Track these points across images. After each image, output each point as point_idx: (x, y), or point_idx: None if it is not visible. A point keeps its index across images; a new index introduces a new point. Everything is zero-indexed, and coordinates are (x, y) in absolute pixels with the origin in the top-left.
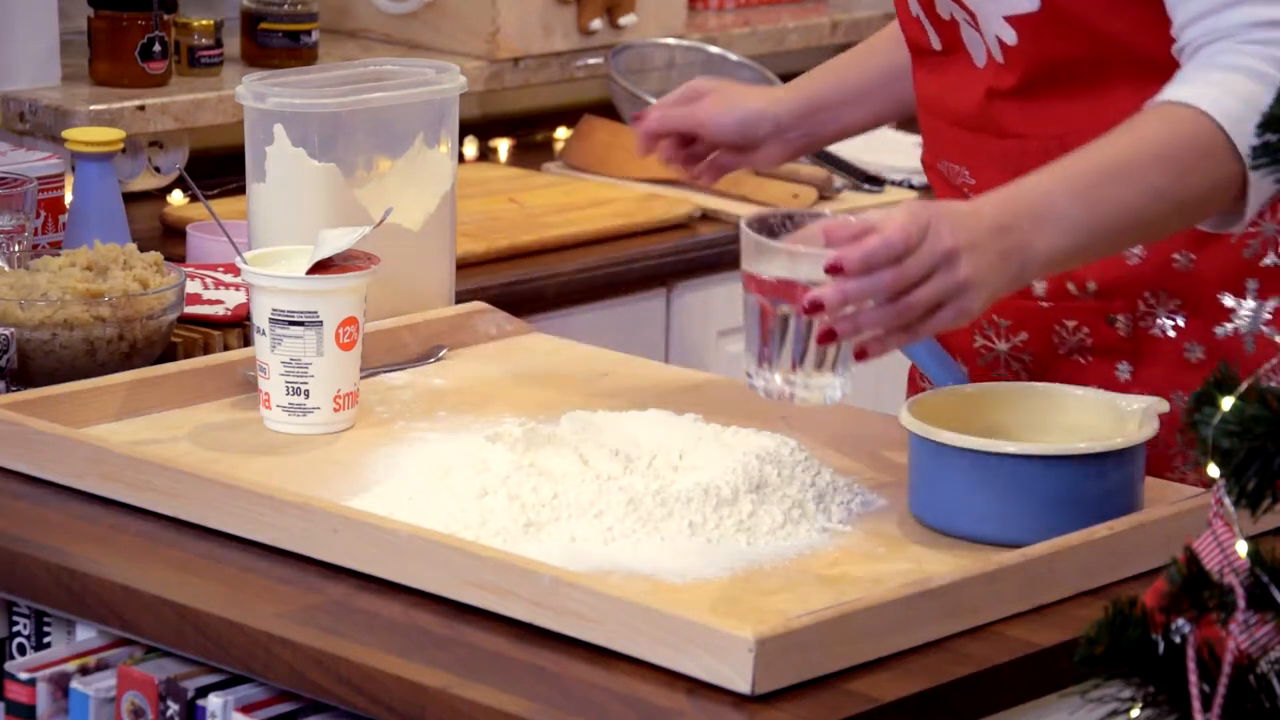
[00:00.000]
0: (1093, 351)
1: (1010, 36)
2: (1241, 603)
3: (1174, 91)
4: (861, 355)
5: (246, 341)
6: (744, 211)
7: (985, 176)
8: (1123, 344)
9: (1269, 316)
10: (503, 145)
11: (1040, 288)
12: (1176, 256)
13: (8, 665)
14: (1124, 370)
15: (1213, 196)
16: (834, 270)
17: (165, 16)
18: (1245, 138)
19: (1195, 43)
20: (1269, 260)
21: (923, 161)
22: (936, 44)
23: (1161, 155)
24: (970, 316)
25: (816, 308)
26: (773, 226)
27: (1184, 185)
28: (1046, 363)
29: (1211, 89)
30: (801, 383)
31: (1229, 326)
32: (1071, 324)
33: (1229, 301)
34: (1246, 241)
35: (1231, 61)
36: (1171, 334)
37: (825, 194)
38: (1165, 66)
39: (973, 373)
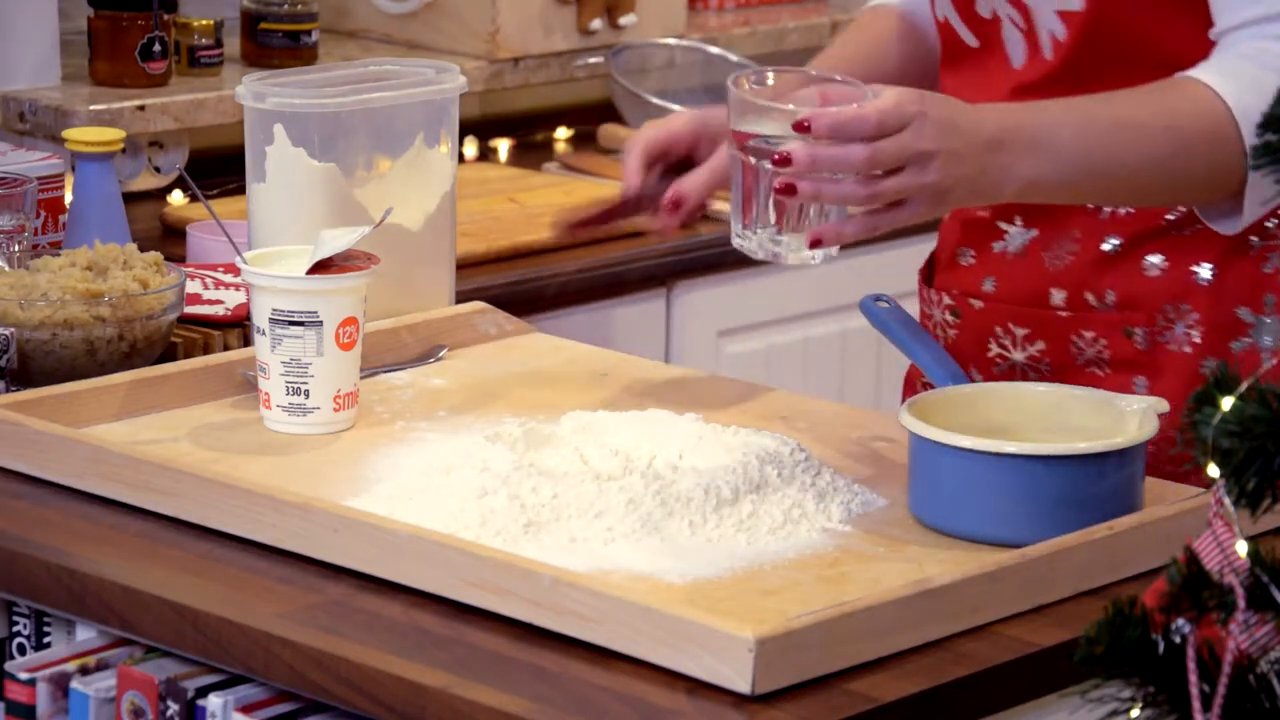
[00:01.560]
0: (1109, 364)
1: (1061, 31)
2: (1241, 603)
3: (1204, 73)
4: (816, 244)
5: (246, 341)
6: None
7: None
8: (1139, 357)
9: None
10: (503, 145)
11: (1059, 297)
12: (1197, 270)
13: (8, 665)
14: (1140, 384)
15: (1211, 181)
16: (801, 128)
17: (165, 16)
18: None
19: (1237, 42)
20: None
21: None
22: (972, 42)
23: (1171, 127)
24: (922, 219)
25: (785, 161)
26: (764, 83)
27: (1184, 162)
28: (1063, 373)
29: (1239, 81)
30: (787, 241)
31: (1246, 341)
32: (1089, 335)
33: (1247, 316)
34: (1266, 255)
35: (1269, 62)
36: (1188, 349)
37: None
38: (1185, 64)
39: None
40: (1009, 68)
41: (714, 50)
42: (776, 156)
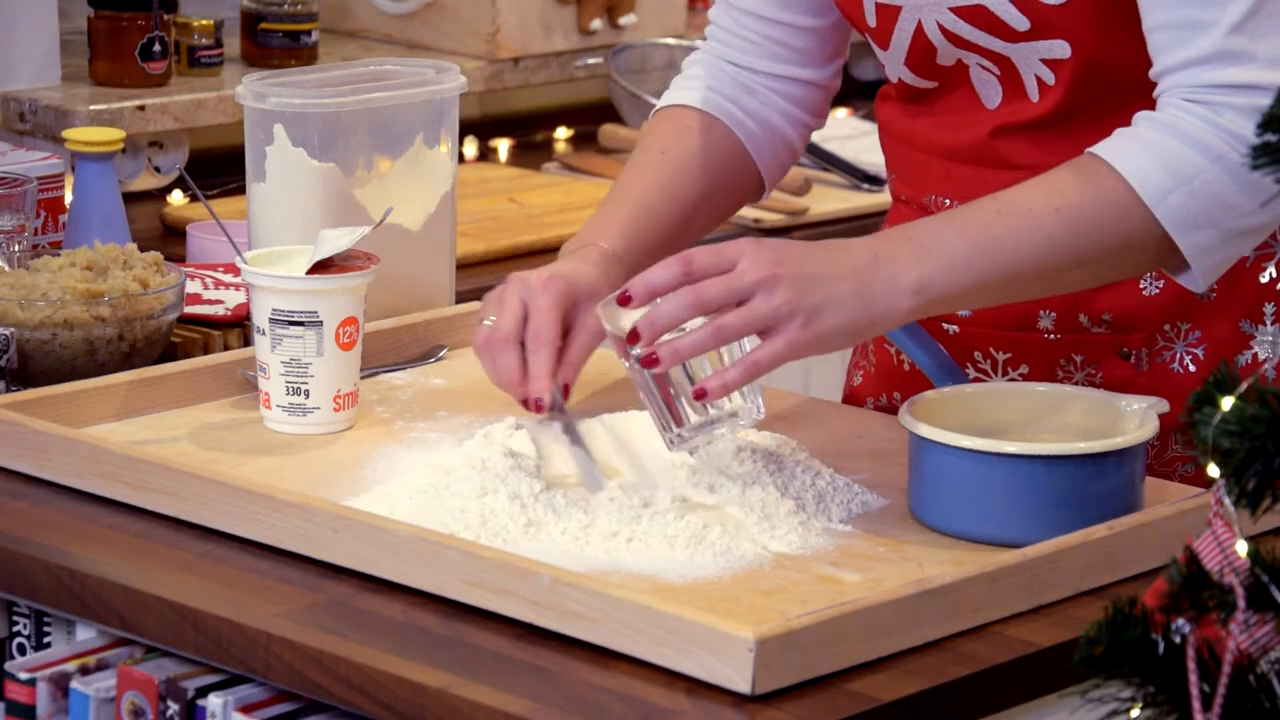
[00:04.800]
0: (1101, 387)
1: (1050, 76)
2: (1241, 603)
3: (1103, 146)
4: (701, 394)
5: (246, 341)
6: (743, 211)
7: None
8: (1136, 378)
9: None
10: (503, 145)
11: (1049, 320)
12: None
13: (8, 665)
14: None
15: (1124, 255)
16: (624, 302)
17: (165, 16)
18: (1162, 203)
19: (1165, 93)
20: None
21: (895, 195)
22: (926, 85)
23: (1063, 207)
24: (805, 347)
25: (633, 338)
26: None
27: (1085, 240)
28: None
29: (1139, 148)
30: (708, 421)
31: (1248, 354)
32: (1079, 358)
33: (1247, 328)
34: (1262, 265)
35: (1179, 124)
36: (1192, 367)
37: (800, 192)
38: None
39: None
40: (981, 107)
41: None
42: (627, 337)
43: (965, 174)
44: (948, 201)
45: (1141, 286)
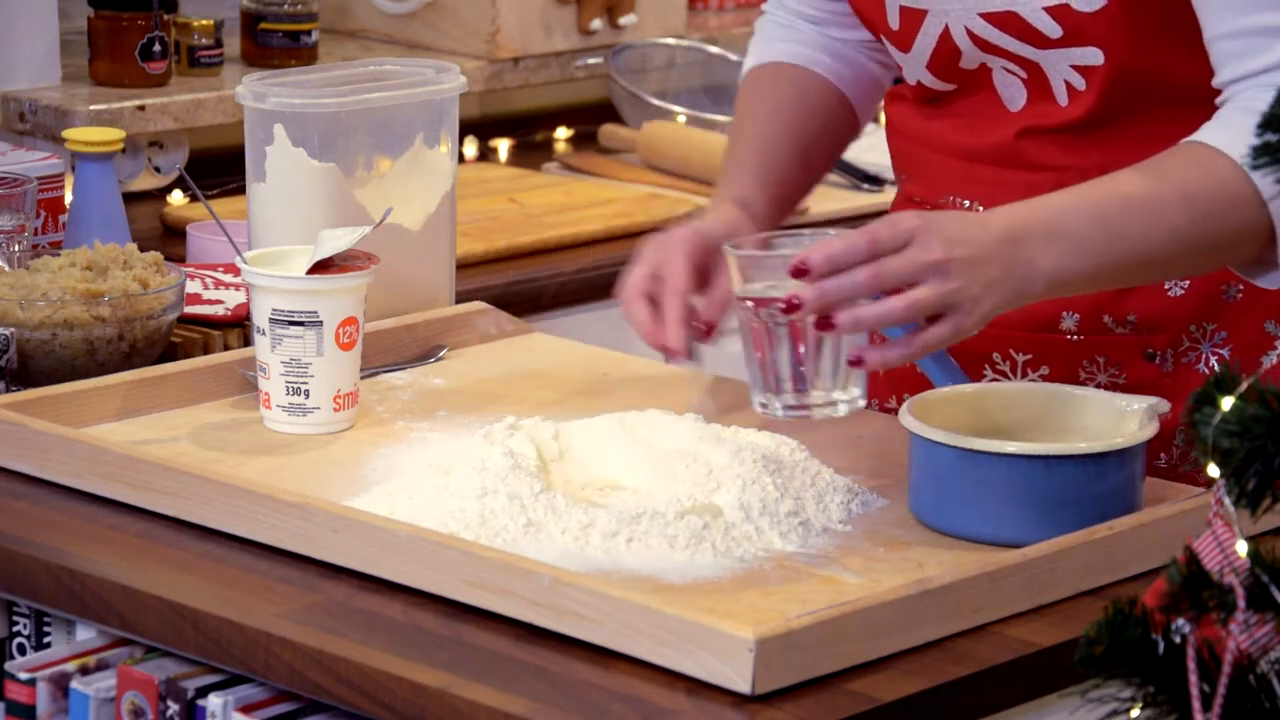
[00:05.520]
0: (1124, 388)
1: (1080, 82)
2: (1241, 603)
3: (1209, 134)
4: (857, 362)
5: (246, 341)
6: None
7: None
8: (1161, 380)
9: None
10: (503, 145)
11: (1072, 321)
12: (1225, 287)
13: (8, 665)
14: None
15: (1236, 243)
16: (800, 272)
17: (165, 16)
18: (1277, 198)
19: (1240, 93)
20: None
21: (906, 196)
22: (946, 88)
23: (1186, 195)
24: (966, 332)
25: (795, 307)
26: (758, 248)
27: (1205, 228)
28: None
29: (1245, 136)
30: (814, 397)
31: (1274, 355)
32: (1102, 359)
33: (1272, 329)
34: None
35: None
36: (1218, 369)
37: None
38: (1202, 100)
39: None
40: (1004, 109)
41: (714, 50)
42: (783, 305)
43: (987, 175)
44: (966, 203)
45: (1167, 288)
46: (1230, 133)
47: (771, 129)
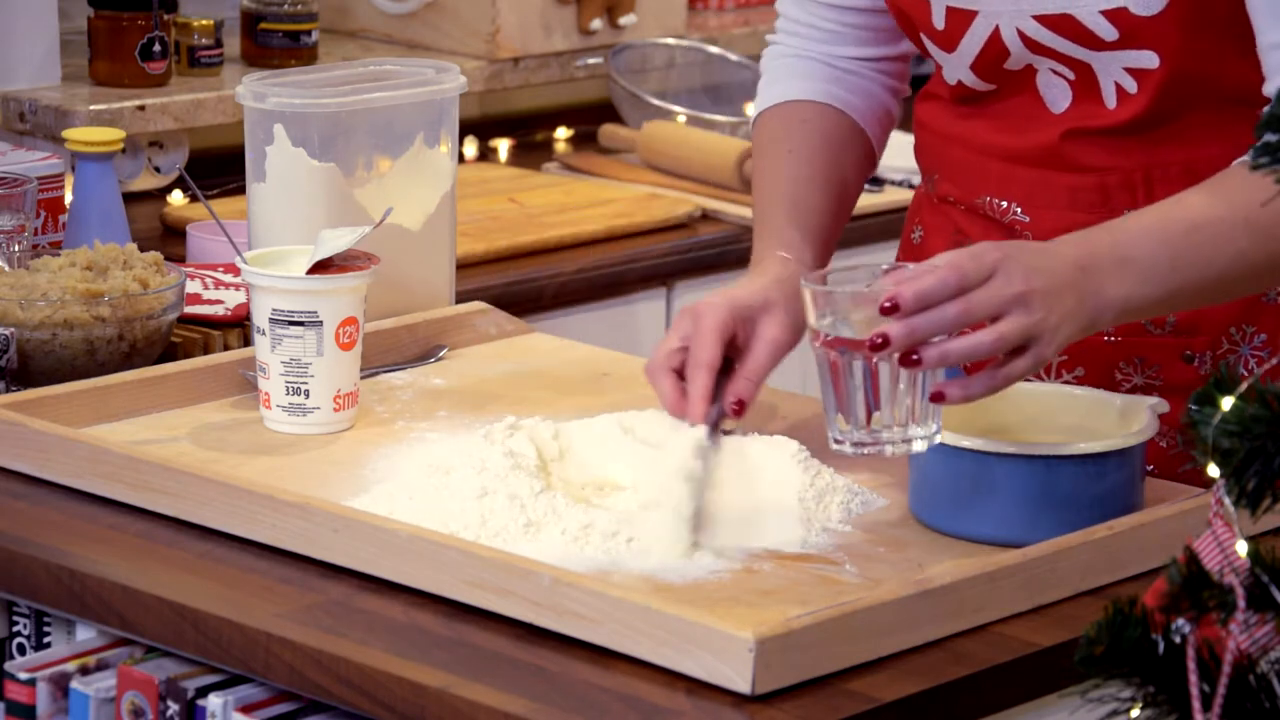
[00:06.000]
0: (1160, 390)
1: (1132, 85)
2: (1241, 603)
3: None
4: (939, 397)
5: (246, 341)
6: (743, 212)
7: (1042, 212)
8: (1199, 383)
9: None
10: (503, 145)
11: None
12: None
13: (8, 665)
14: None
15: None
16: (890, 310)
17: (165, 16)
18: None
19: None
20: None
21: (939, 197)
22: (986, 88)
23: (1250, 219)
24: (1045, 362)
25: (882, 344)
26: (829, 281)
27: (1269, 251)
28: None
29: None
30: (887, 435)
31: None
32: (1140, 361)
33: None
34: None
35: None
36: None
37: None
38: (1249, 101)
39: None
40: (1046, 111)
41: (714, 50)
42: (871, 342)
43: (1029, 176)
44: (1004, 204)
45: None
46: None
47: (799, 174)
